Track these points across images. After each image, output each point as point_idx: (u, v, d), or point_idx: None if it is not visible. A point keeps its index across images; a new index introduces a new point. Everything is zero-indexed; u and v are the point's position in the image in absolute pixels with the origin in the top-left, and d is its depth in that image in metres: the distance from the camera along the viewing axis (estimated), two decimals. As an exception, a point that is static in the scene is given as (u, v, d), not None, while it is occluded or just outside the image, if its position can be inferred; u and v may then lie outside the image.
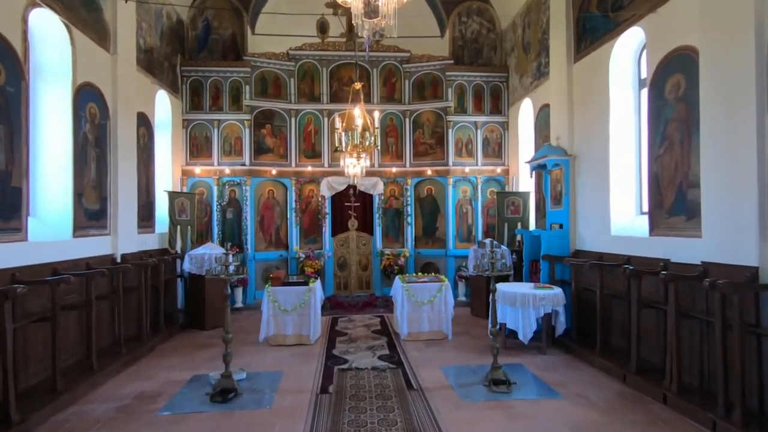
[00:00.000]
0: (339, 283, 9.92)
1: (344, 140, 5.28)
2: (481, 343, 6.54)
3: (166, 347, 6.55)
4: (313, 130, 9.90)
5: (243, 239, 9.31)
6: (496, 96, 9.99)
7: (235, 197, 9.41)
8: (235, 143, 9.41)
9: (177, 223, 8.17)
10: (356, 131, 5.16)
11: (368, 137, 5.27)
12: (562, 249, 6.97)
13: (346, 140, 5.27)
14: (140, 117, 7.27)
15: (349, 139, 5.25)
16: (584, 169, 6.77)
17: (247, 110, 9.38)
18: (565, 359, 5.84)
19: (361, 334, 7.13)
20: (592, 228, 6.57)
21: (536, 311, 5.92)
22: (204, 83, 9.32)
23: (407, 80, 10.05)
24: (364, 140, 5.24)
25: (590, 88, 6.58)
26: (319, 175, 9.83)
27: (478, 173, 9.88)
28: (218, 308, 7.56)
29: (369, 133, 5.30)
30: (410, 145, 10.07)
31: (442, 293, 6.76)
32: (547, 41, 7.94)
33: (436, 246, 10.04)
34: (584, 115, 6.77)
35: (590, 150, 6.60)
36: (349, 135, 5.25)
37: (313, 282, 6.72)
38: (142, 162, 7.40)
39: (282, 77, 9.73)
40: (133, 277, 6.47)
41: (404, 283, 6.79)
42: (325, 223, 9.81)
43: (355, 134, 5.15)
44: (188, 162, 9.27)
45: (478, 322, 7.95)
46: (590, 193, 6.61)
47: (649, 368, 4.92)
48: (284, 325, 6.47)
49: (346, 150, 5.46)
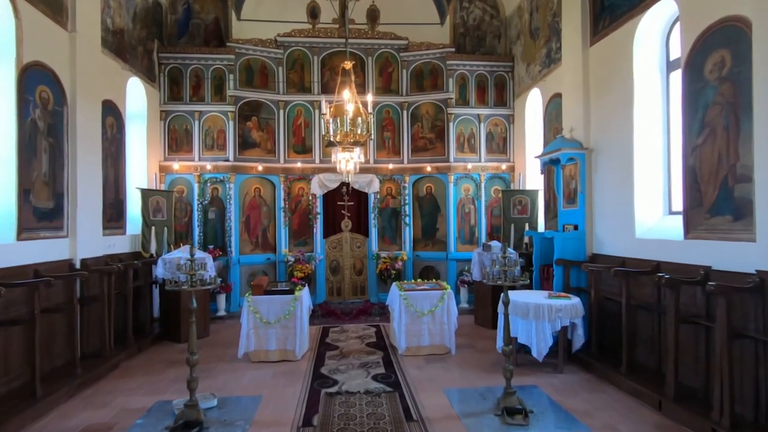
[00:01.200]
0: (331, 289, 9.18)
1: (332, 128, 4.55)
2: (488, 359, 5.82)
3: (133, 364, 5.80)
4: (303, 123, 9.16)
5: (226, 241, 8.56)
6: (500, 87, 9.28)
7: (218, 196, 8.65)
8: (217, 137, 8.66)
9: (151, 223, 7.41)
10: (346, 117, 4.42)
11: (360, 124, 4.54)
12: (577, 253, 6.26)
13: (334, 128, 4.53)
14: (107, 105, 6.52)
15: (338, 126, 4.52)
16: (602, 163, 6.06)
17: (231, 101, 8.64)
18: (585, 379, 5.12)
19: (353, 347, 6.40)
20: (612, 230, 5.87)
21: (552, 324, 5.21)
22: (184, 71, 8.56)
23: (405, 70, 9.33)
24: (355, 127, 4.51)
25: (610, 73, 5.88)
26: (310, 171, 9.09)
27: (482, 170, 9.17)
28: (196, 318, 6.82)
29: (361, 119, 4.57)
30: (408, 140, 9.35)
31: (445, 302, 6.04)
32: (557, 24, 7.25)
33: (436, 248, 9.32)
34: (602, 104, 6.07)
35: (610, 142, 5.90)
36: (337, 122, 4.52)
37: (299, 290, 5.98)
38: (109, 156, 6.65)
39: (269, 66, 8.99)
40: (95, 285, 5.71)
41: (402, 291, 6.06)
42: (316, 224, 9.08)
43: (345, 121, 4.42)
44: (166, 157, 8.51)
45: (483, 332, 7.23)
46: (610, 191, 5.90)
47: (689, 394, 4.21)
48: (267, 339, 5.73)
49: (335, 140, 4.72)
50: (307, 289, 6.32)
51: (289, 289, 5.93)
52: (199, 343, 6.80)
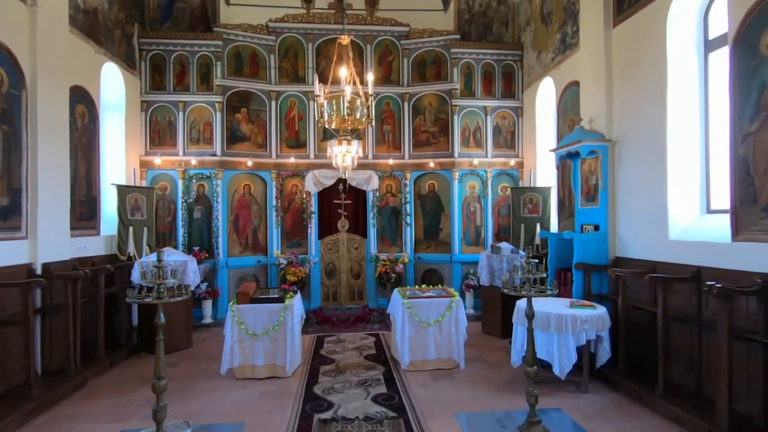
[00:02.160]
0: (327, 294, 8.54)
1: (326, 111, 3.91)
2: (501, 375, 5.21)
3: (102, 382, 5.14)
4: (296, 115, 8.52)
5: (213, 243, 7.90)
6: (508, 77, 8.67)
7: (204, 193, 8.00)
8: (204, 130, 8.00)
9: (129, 223, 6.76)
10: (343, 99, 3.78)
11: (359, 108, 3.90)
12: (598, 256, 5.66)
13: (329, 111, 3.89)
14: (77, 92, 5.88)
15: (333, 110, 3.88)
16: (628, 156, 5.46)
17: (219, 91, 7.98)
18: (613, 400, 4.51)
19: (351, 361, 5.76)
20: (639, 230, 5.26)
21: (576, 338, 4.59)
22: (167, 58, 7.90)
23: (406, 59, 8.70)
24: (353, 111, 3.87)
25: (637, 55, 5.27)
26: (304, 167, 8.45)
27: (488, 166, 8.55)
28: (176, 327, 6.20)
29: (360, 102, 3.94)
30: (409, 134, 8.73)
31: (453, 311, 5.41)
32: (573, 7, 6.64)
33: (440, 250, 8.69)
34: (628, 91, 5.46)
35: (638, 132, 5.29)
36: (333, 105, 3.88)
37: (290, 297, 5.34)
38: (80, 148, 6.00)
39: (260, 53, 8.34)
40: (60, 293, 5.06)
41: (405, 299, 5.43)
42: (310, 224, 8.44)
43: (342, 103, 3.78)
44: (148, 151, 7.85)
45: (493, 342, 6.62)
46: (637, 186, 5.29)
47: (745, 423, 3.60)
48: (253, 354, 5.09)
49: (330, 127, 4.09)
50: (299, 296, 5.69)
51: (279, 296, 5.29)
52: (179, 356, 6.18)
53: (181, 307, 6.28)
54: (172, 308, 6.09)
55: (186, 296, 3.46)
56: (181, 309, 6.30)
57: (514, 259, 6.83)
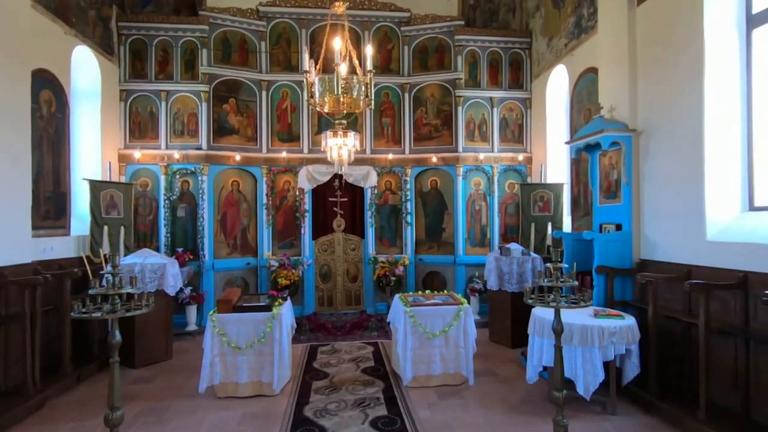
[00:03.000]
0: (321, 298, 7.96)
1: (317, 89, 3.32)
2: (516, 392, 4.64)
3: (65, 402, 4.54)
4: (289, 106, 7.93)
5: (198, 243, 7.30)
6: (516, 66, 8.11)
7: (189, 190, 7.40)
8: (188, 121, 7.40)
9: (103, 222, 6.16)
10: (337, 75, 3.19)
11: (356, 86, 3.32)
12: (621, 258, 5.11)
13: (320, 89, 3.30)
14: (42, 76, 5.28)
15: (325, 87, 3.29)
16: (656, 147, 4.90)
17: (205, 80, 7.39)
18: (646, 425, 3.95)
19: (347, 375, 5.19)
20: (670, 230, 4.70)
21: (603, 352, 4.03)
22: (149, 44, 7.30)
23: (407, 46, 8.13)
24: (350, 90, 3.29)
25: (668, 35, 4.71)
26: (297, 162, 7.87)
27: (495, 161, 7.99)
28: (153, 337, 5.63)
29: (357, 80, 3.36)
30: (410, 127, 8.16)
31: (461, 321, 4.84)
32: (590, -14, 6.09)
33: (442, 251, 8.12)
34: (657, 75, 4.90)
35: (668, 121, 4.73)
36: (325, 81, 3.29)
37: (278, 305, 4.76)
38: (46, 139, 5.40)
39: (250, 39, 7.75)
40: (16, 301, 4.46)
41: (407, 307, 4.86)
42: (304, 223, 7.86)
43: (336, 80, 3.20)
44: (127, 144, 7.25)
45: (502, 352, 6.06)
46: (667, 181, 4.74)
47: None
48: (236, 369, 4.50)
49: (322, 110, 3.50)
50: (288, 304, 5.10)
51: (266, 304, 4.70)
52: (156, 370, 5.43)
53: (159, 314, 5.69)
54: (149, 315, 5.52)
55: (148, 308, 2.86)
56: (160, 316, 5.71)
57: (524, 262, 6.28)
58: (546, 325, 4.23)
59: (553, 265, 3.06)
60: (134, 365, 5.48)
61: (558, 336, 3.11)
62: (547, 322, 4.21)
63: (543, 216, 7.14)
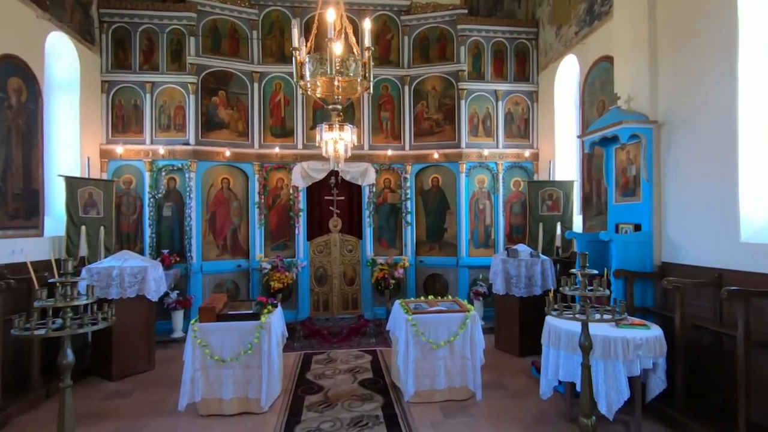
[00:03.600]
0: (317, 302, 7.52)
1: (308, 68, 2.90)
2: (528, 408, 4.23)
3: (31, 420, 4.11)
4: (282, 99, 7.51)
5: (186, 244, 6.87)
6: (521, 58, 7.70)
7: (175, 188, 6.96)
8: (175, 115, 6.97)
9: (81, 222, 5.72)
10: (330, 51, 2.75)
11: (352, 65, 2.89)
12: (641, 261, 4.70)
13: (311, 68, 2.88)
14: (10, 62, 4.86)
15: (316, 66, 2.86)
16: (680, 140, 4.49)
17: (193, 70, 6.95)
18: (677, 447, 3.54)
19: (343, 388, 4.76)
20: (696, 230, 4.29)
21: (628, 367, 3.61)
22: (132, 33, 6.86)
23: (407, 36, 7.71)
24: (345, 69, 2.86)
25: (695, 15, 4.31)
26: (291, 159, 7.44)
27: (499, 158, 7.57)
28: (133, 346, 5.20)
29: (354, 58, 2.94)
30: (411, 122, 7.74)
31: (467, 329, 4.42)
32: (604, -31, 5.69)
33: (444, 253, 7.70)
34: (681, 61, 4.49)
35: (695, 111, 4.32)
36: (317, 59, 2.86)
37: (267, 313, 4.33)
38: (15, 131, 4.97)
39: (241, 28, 7.32)
40: (-25, 309, 4.02)
41: (409, 314, 4.44)
42: (298, 223, 7.43)
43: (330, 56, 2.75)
44: (110, 139, 6.81)
45: (510, 362, 5.64)
46: (693, 177, 4.33)
47: None
48: (220, 384, 4.08)
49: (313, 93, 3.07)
50: (279, 311, 4.68)
51: (253, 312, 4.27)
52: (134, 383, 4.91)
53: (140, 321, 5.28)
54: (128, 322, 5.13)
55: (109, 322, 2.43)
56: (141, 323, 5.29)
57: (533, 264, 5.87)
58: (563, 335, 3.81)
59: (581, 270, 2.64)
60: (111, 377, 5.05)
61: (586, 353, 2.70)
62: (565, 333, 3.80)
63: (552, 215, 6.73)
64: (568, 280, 2.73)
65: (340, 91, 3.03)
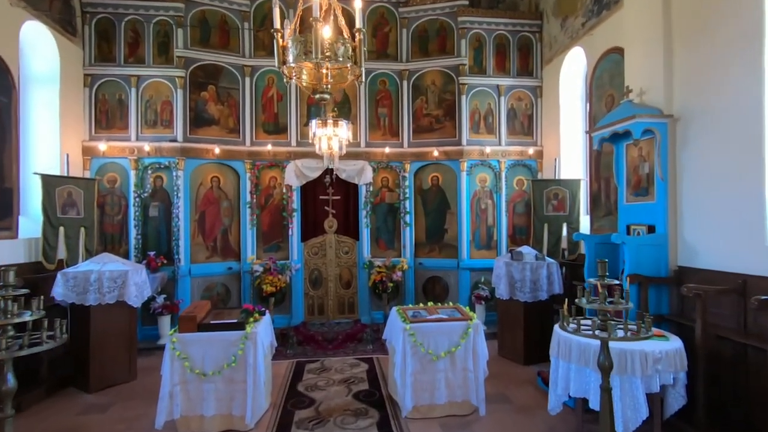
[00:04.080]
0: (311, 307, 7.21)
1: (291, 51, 2.57)
2: (536, 424, 3.92)
3: (-4, 439, 3.78)
4: (275, 95, 7.18)
5: (173, 246, 6.54)
6: (525, 51, 7.38)
7: (162, 186, 6.64)
8: (162, 110, 6.64)
9: (59, 223, 5.40)
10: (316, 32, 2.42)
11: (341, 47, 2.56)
12: (656, 265, 4.39)
13: (295, 51, 2.55)
14: (-22, 52, 4.52)
15: (297, 48, 2.52)
16: (698, 135, 4.18)
17: (180, 64, 6.63)
18: (701, 471, 3.22)
19: (336, 401, 4.44)
20: (717, 233, 3.98)
21: (647, 383, 3.30)
22: (117, 24, 6.54)
23: (405, 29, 7.39)
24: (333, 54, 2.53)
25: (713, 4, 3.99)
26: (284, 156, 7.12)
27: (502, 155, 7.25)
28: (113, 355, 4.90)
29: (343, 40, 2.61)
30: (409, 118, 7.42)
31: (469, 339, 4.11)
32: (613, -44, 5.37)
33: (445, 255, 7.38)
34: (699, 51, 4.18)
35: (713, 104, 4.01)
36: (300, 41, 2.53)
37: (253, 322, 4.01)
38: (-15, 125, 4.64)
39: (231, 20, 7.00)
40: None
41: (406, 323, 4.12)
42: (292, 224, 7.11)
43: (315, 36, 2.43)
44: (93, 135, 6.49)
45: (514, 370, 5.33)
46: (713, 175, 4.02)
47: None
48: (201, 400, 3.76)
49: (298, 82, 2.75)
50: (266, 319, 4.36)
51: (238, 321, 3.95)
52: (113, 395, 4.57)
53: (119, 328, 4.97)
54: (107, 330, 4.83)
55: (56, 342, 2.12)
56: (120, 330, 4.98)
57: (538, 267, 5.55)
58: (574, 347, 3.50)
59: (599, 280, 2.32)
60: (89, 389, 4.72)
61: (606, 374, 2.38)
62: (576, 345, 3.48)
63: (557, 216, 6.41)
64: (585, 291, 2.41)
65: (329, 79, 2.70)
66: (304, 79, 2.75)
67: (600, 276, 2.40)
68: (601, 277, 2.38)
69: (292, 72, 2.70)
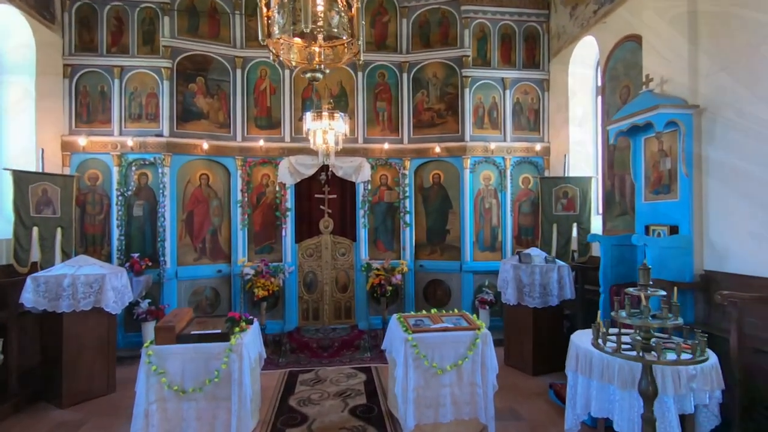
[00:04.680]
0: (306, 311, 6.83)
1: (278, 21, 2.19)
2: (551, 447, 3.54)
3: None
4: (268, 87, 6.80)
5: (159, 248, 6.15)
6: (531, 43, 7.01)
7: (147, 184, 6.24)
8: (147, 103, 6.25)
9: (32, 223, 5.00)
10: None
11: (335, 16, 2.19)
12: (680, 270, 4.04)
13: (281, 21, 2.18)
14: (-61, 35, 4.12)
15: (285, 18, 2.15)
16: (727, 128, 3.82)
17: (167, 54, 6.24)
18: (741, 503, 2.86)
19: (331, 418, 4.06)
20: (749, 234, 3.63)
21: (680, 403, 2.93)
22: (99, 11, 6.15)
23: (405, 19, 7.02)
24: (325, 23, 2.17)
25: (746, -20, 3.64)
26: (278, 153, 6.74)
27: (507, 152, 6.89)
28: (88, 366, 4.52)
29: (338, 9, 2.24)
30: (409, 112, 7.04)
31: (477, 351, 3.74)
32: (629, -63, 5.01)
33: (447, 257, 7.01)
34: (726, 35, 3.83)
35: (744, 93, 3.66)
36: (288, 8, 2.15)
37: (239, 333, 3.62)
38: (-53, 116, 4.24)
39: (221, 8, 6.61)
40: None
41: (408, 333, 3.74)
42: (285, 224, 6.73)
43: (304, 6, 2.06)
44: (73, 130, 6.09)
45: (523, 382, 4.97)
46: (743, 171, 3.67)
47: None
48: (180, 420, 3.38)
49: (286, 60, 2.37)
50: (255, 328, 3.98)
51: (221, 331, 3.56)
52: (88, 410, 4.20)
53: (96, 337, 4.60)
54: (83, 339, 4.43)
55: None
56: (97, 340, 4.60)
57: (548, 270, 5.19)
58: (595, 362, 3.13)
59: (642, 290, 1.95)
60: (61, 404, 4.33)
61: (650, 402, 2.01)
62: (598, 359, 3.11)
63: (567, 215, 6.05)
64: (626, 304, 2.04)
65: (320, 60, 2.33)
66: (292, 58, 2.37)
67: (641, 285, 2.03)
68: (643, 287, 2.01)
69: (279, 47, 2.33)
